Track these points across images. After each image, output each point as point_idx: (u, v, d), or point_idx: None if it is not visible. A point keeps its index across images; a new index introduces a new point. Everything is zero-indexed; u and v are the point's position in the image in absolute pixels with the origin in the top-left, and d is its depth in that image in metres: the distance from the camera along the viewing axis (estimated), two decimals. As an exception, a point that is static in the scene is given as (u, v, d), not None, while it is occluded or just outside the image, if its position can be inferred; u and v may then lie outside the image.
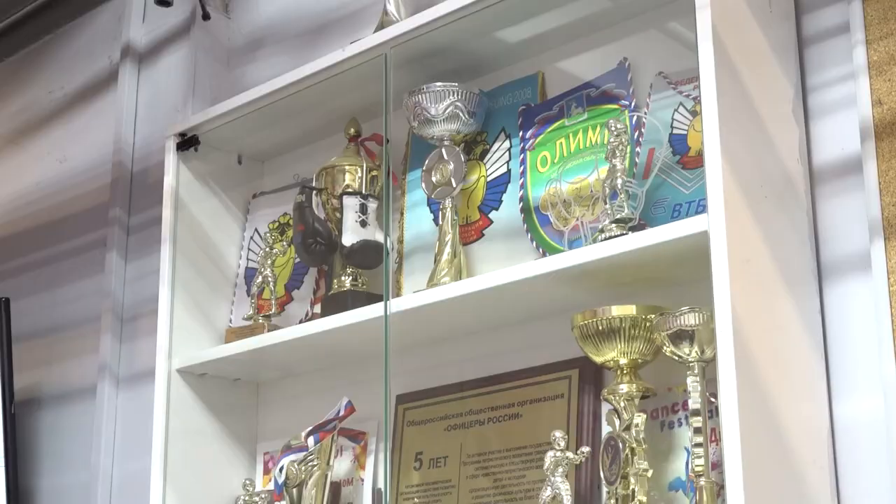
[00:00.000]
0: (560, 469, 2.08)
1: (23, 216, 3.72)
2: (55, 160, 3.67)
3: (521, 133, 2.41)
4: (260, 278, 2.73)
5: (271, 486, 2.56)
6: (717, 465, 1.93)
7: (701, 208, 2.02)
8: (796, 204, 2.02)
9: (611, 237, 2.06)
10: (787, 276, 1.96)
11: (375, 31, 2.53)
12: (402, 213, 2.60)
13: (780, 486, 1.83)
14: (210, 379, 2.76)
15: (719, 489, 1.91)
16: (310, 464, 2.44)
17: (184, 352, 2.71)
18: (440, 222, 2.42)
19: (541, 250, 2.29)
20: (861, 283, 1.97)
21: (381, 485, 2.50)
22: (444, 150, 2.43)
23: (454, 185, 2.40)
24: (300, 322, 2.65)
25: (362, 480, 2.56)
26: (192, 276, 2.79)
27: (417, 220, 2.56)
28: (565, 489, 2.06)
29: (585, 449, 2.10)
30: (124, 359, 3.27)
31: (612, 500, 2.01)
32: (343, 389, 2.55)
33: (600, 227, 2.11)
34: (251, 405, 2.86)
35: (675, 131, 2.17)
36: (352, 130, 2.67)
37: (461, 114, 2.41)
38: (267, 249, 2.76)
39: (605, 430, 2.12)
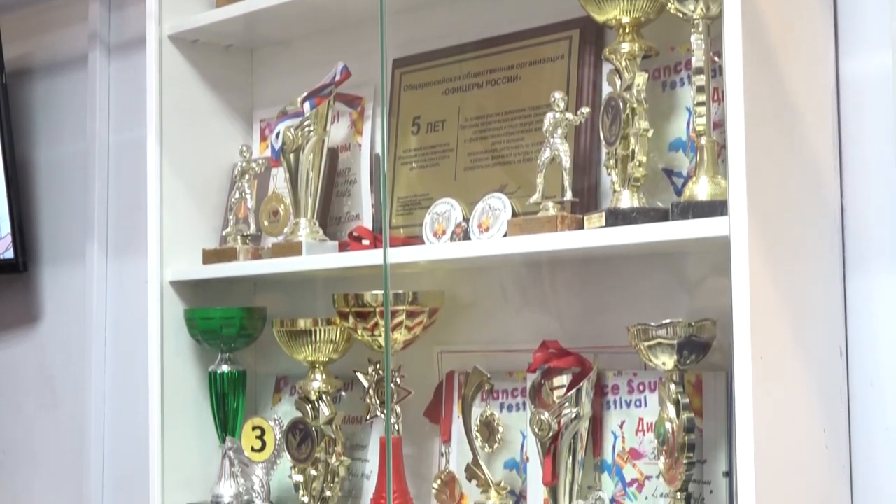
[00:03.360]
0: (559, 130, 2.06)
1: None
2: None
3: None
4: (250, -61, 2.64)
5: (268, 153, 2.55)
6: (719, 125, 1.91)
7: None
8: None
9: None
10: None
11: None
12: None
13: (782, 145, 1.81)
14: (203, 46, 2.72)
15: (720, 148, 1.90)
16: (306, 129, 2.42)
17: (174, 17, 2.66)
18: None
19: None
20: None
21: (378, 149, 2.49)
22: None
23: None
24: (294, -18, 2.57)
25: (360, 146, 2.55)
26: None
27: None
28: (564, 150, 2.05)
29: (585, 109, 2.08)
30: (114, 26, 3.21)
31: (612, 161, 1.99)
32: (338, 56, 2.50)
33: None
34: (245, 74, 2.83)
35: None
36: None
37: None
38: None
39: (606, 90, 2.09)
